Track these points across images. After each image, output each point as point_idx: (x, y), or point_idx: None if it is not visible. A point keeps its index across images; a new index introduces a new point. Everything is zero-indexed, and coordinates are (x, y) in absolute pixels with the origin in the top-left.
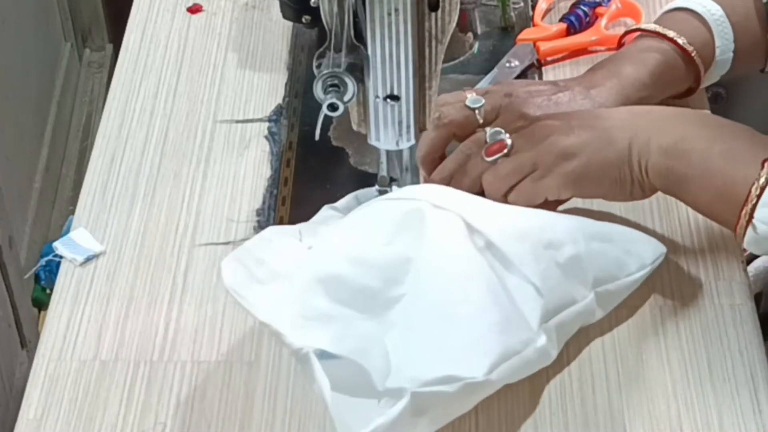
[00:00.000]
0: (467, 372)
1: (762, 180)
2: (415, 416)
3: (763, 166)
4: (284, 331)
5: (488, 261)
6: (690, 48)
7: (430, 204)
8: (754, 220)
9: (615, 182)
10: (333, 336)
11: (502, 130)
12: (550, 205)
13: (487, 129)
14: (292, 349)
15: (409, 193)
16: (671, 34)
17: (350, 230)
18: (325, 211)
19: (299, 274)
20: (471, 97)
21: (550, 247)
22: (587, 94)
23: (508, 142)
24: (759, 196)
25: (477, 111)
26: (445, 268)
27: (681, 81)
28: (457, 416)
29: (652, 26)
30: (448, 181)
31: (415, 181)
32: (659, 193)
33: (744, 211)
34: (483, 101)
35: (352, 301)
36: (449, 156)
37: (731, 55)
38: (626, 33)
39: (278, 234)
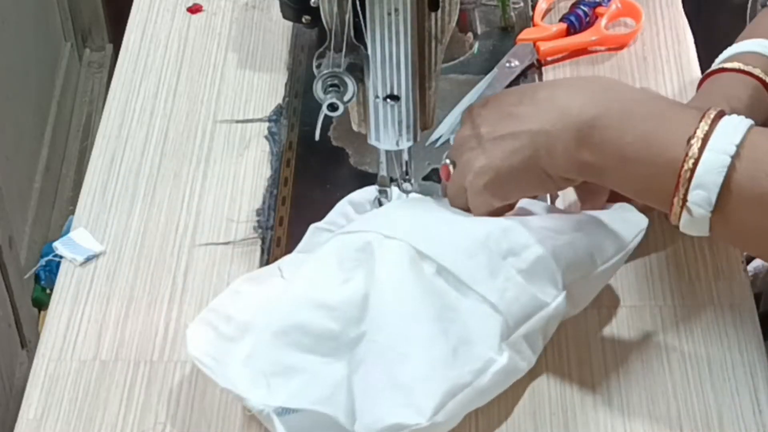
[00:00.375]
0: (411, 419)
1: (690, 163)
2: None
3: (688, 143)
4: (245, 394)
5: (439, 288)
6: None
7: (380, 235)
8: (688, 203)
9: (533, 183)
10: (296, 389)
11: (446, 159)
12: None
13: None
14: (255, 411)
15: (361, 225)
16: (757, 71)
17: (308, 271)
18: (310, 233)
19: (262, 328)
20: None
21: (510, 255)
22: None
23: (448, 161)
24: (690, 180)
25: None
26: (397, 303)
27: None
28: None
29: (736, 64)
30: None
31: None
32: None
33: (676, 198)
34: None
35: (316, 347)
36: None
37: None
38: (707, 75)
39: (249, 282)
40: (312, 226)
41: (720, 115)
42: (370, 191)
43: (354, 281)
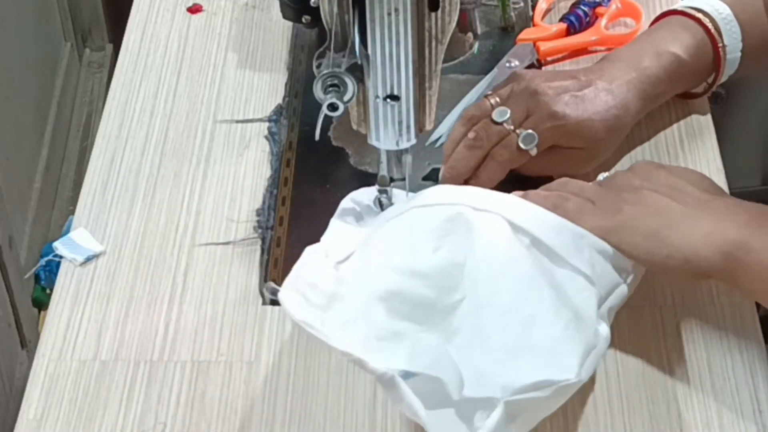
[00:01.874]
0: (559, 375)
1: None
2: (507, 424)
3: None
4: (365, 357)
5: (537, 258)
6: (717, 37)
7: (470, 207)
8: None
9: (644, 253)
10: (408, 353)
11: (535, 134)
12: None
13: (520, 131)
14: (377, 375)
15: (443, 198)
16: (706, 21)
17: (390, 242)
18: (335, 224)
19: (354, 295)
20: (496, 112)
21: (585, 237)
22: (609, 89)
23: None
24: None
25: (505, 123)
26: (501, 271)
27: (694, 76)
28: (543, 418)
29: (686, 9)
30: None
31: (415, 182)
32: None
33: None
34: (508, 113)
35: (412, 314)
36: (484, 168)
37: (739, 54)
38: (662, 15)
39: (310, 255)
40: (334, 219)
41: None
42: (370, 191)
43: (445, 249)
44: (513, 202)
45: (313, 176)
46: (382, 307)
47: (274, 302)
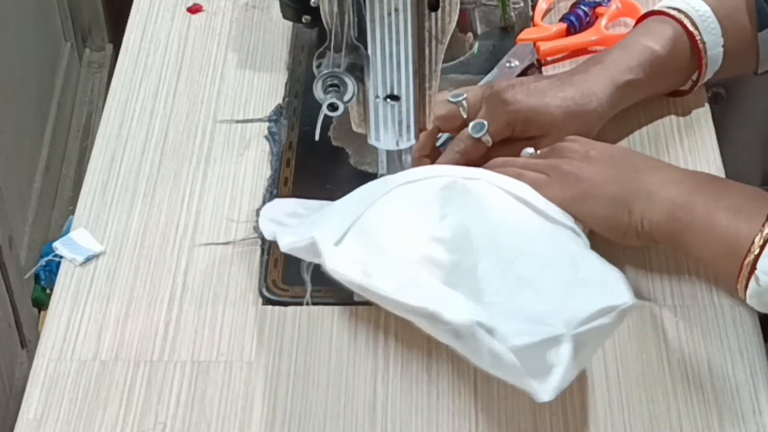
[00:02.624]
0: (617, 300)
1: (766, 231)
2: (575, 357)
3: (766, 219)
4: (441, 309)
5: (538, 215)
6: (697, 35)
7: (462, 177)
8: (756, 272)
9: (608, 220)
10: (468, 308)
11: (484, 122)
12: None
13: (471, 124)
14: (456, 324)
15: (427, 173)
16: (684, 20)
17: (395, 216)
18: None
19: (392, 264)
20: (452, 92)
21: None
22: (570, 81)
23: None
24: (762, 247)
25: (460, 105)
26: (519, 224)
27: (675, 69)
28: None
29: (666, 9)
30: None
31: None
32: None
33: (746, 262)
34: (464, 95)
35: (446, 278)
36: (442, 154)
37: (721, 50)
38: (643, 16)
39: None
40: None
41: None
42: (283, 204)
43: (451, 216)
44: (492, 173)
45: (313, 176)
46: (425, 271)
47: (274, 302)
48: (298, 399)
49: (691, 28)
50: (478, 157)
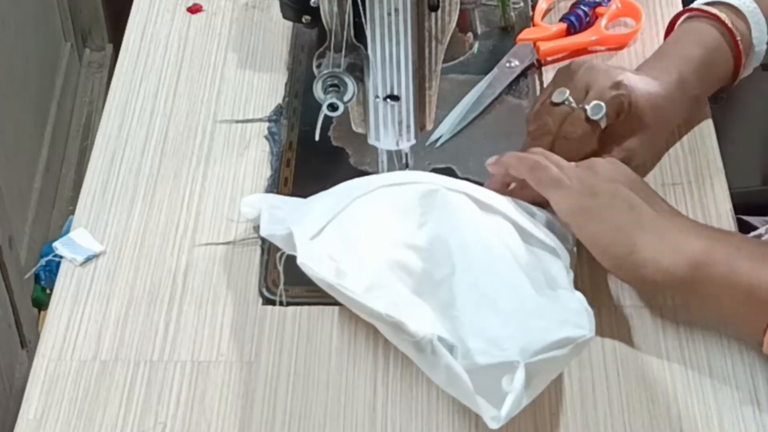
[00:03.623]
0: (575, 332)
1: None
2: (527, 385)
3: None
4: (403, 319)
5: (514, 234)
6: (738, 36)
7: (441, 187)
8: None
9: (607, 246)
10: (429, 320)
11: (602, 104)
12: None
13: (585, 105)
14: (417, 338)
15: (411, 178)
16: (723, 16)
17: (374, 217)
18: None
19: (365, 263)
20: (556, 92)
21: (536, 213)
22: (655, 83)
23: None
24: None
25: (566, 102)
26: (491, 243)
27: (720, 74)
28: (553, 378)
29: (706, 7)
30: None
31: None
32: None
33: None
34: (567, 92)
35: (415, 286)
36: (556, 151)
37: (765, 47)
38: (679, 14)
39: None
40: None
41: None
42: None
43: (429, 225)
44: (477, 186)
45: (313, 176)
46: (394, 277)
47: (274, 302)
48: (298, 399)
49: (734, 29)
50: (593, 142)
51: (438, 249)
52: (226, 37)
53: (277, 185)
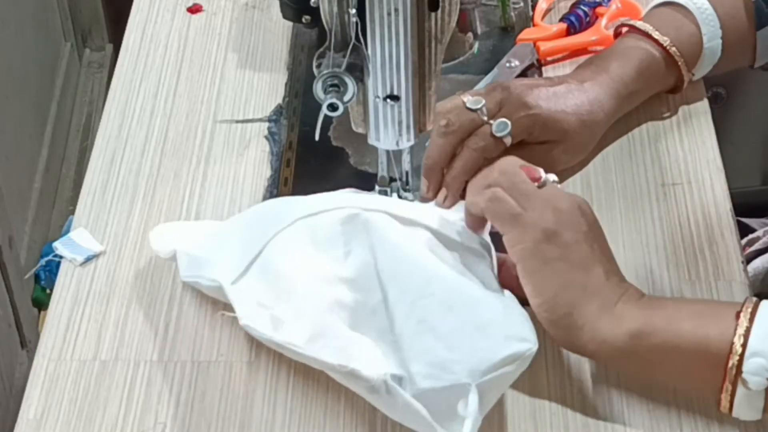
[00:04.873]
0: (521, 347)
1: (742, 329)
2: (480, 404)
3: (737, 317)
4: (357, 366)
5: (440, 247)
6: (672, 48)
7: (358, 208)
8: (744, 374)
9: (547, 300)
10: (379, 358)
11: (508, 121)
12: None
13: (492, 122)
14: (372, 382)
15: (326, 204)
16: (656, 34)
17: (298, 254)
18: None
19: (303, 309)
20: (470, 99)
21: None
22: (581, 88)
23: (552, 177)
24: (744, 347)
25: (479, 111)
26: (420, 263)
27: (665, 78)
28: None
29: (639, 24)
30: (462, 180)
31: (417, 182)
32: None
33: (729, 366)
34: (483, 101)
35: (351, 321)
36: (459, 157)
37: (719, 42)
38: (620, 26)
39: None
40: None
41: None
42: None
43: (355, 252)
44: (392, 200)
45: (313, 176)
46: (333, 317)
47: None
48: (298, 399)
49: (663, 39)
50: (496, 156)
51: (367, 276)
52: (226, 37)
53: (277, 185)
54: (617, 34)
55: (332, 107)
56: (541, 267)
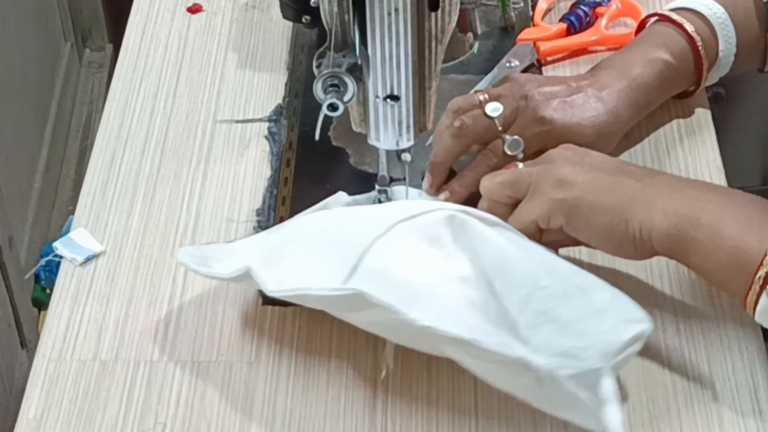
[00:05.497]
0: (641, 326)
1: None
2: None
3: None
4: (523, 354)
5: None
6: (699, 43)
7: (456, 211)
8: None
9: (603, 229)
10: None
11: (521, 139)
12: (551, 245)
13: (506, 137)
14: (539, 373)
15: (426, 206)
16: (687, 25)
17: (415, 257)
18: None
19: (442, 300)
20: (490, 105)
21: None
22: (600, 96)
23: (520, 166)
24: None
25: (496, 120)
26: (522, 258)
27: (684, 80)
28: None
29: (671, 14)
30: (471, 190)
31: (414, 182)
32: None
33: (757, 276)
34: (502, 109)
35: (483, 318)
36: (470, 165)
37: (732, 58)
38: (647, 17)
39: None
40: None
41: None
42: (370, 196)
43: (460, 254)
44: (464, 207)
45: (313, 176)
46: (480, 314)
47: (274, 302)
48: (298, 399)
49: (696, 36)
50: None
51: (480, 276)
52: (226, 37)
53: (277, 185)
54: (643, 24)
55: (332, 107)
56: (577, 210)
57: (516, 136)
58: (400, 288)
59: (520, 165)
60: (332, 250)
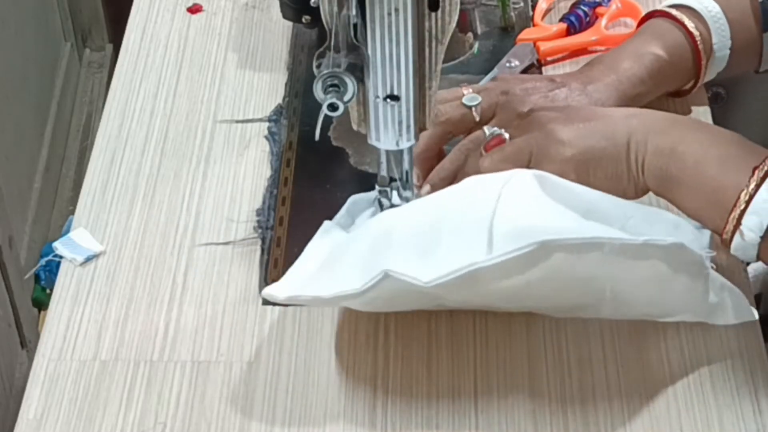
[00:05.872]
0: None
1: (751, 187)
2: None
3: (753, 173)
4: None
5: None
6: (698, 38)
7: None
8: (741, 227)
9: (611, 176)
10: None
11: (501, 130)
12: None
13: (486, 128)
14: (697, 257)
15: (506, 174)
16: (687, 22)
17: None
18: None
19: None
20: (467, 95)
21: None
22: (584, 90)
23: (506, 136)
24: (747, 203)
25: (473, 109)
26: (604, 203)
27: (679, 75)
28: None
29: (670, 10)
30: (449, 180)
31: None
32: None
33: (732, 216)
34: (479, 99)
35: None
36: (447, 155)
37: (728, 52)
38: (646, 15)
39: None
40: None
41: None
42: (370, 195)
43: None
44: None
45: (313, 176)
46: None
47: (274, 302)
48: (298, 399)
49: (695, 32)
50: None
51: (575, 216)
52: (226, 37)
53: (277, 185)
54: (642, 23)
55: (332, 107)
56: (590, 161)
57: (498, 130)
58: (563, 225)
59: (487, 129)
60: (455, 233)
